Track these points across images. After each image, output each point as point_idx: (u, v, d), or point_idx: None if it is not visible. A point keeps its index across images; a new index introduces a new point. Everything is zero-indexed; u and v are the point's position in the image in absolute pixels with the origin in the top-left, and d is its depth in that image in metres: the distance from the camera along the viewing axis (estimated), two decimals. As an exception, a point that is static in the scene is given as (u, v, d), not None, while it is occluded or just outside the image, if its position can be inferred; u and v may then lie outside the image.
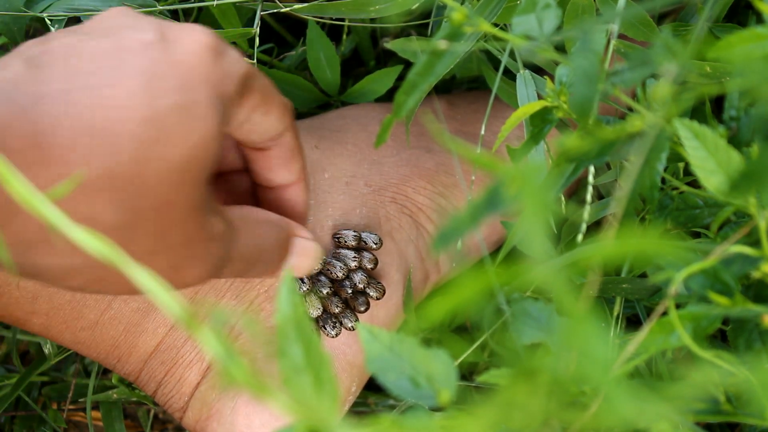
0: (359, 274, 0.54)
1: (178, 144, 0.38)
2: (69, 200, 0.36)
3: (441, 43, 0.42)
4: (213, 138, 0.39)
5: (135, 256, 0.38)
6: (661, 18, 0.61)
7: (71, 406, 0.67)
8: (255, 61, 0.57)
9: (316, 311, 0.54)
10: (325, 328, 0.54)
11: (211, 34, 0.40)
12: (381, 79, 0.63)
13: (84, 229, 0.36)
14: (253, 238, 0.45)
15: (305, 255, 0.49)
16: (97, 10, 0.56)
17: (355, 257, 0.54)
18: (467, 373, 0.62)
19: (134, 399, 0.64)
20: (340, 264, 0.53)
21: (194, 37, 0.40)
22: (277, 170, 0.47)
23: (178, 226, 0.39)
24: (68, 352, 0.65)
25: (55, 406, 0.67)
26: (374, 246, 0.55)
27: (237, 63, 0.41)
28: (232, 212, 0.44)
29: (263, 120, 0.44)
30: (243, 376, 0.26)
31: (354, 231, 0.55)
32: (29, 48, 0.39)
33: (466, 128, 0.62)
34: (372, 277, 0.55)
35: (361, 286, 0.54)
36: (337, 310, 0.54)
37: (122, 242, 0.38)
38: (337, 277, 0.53)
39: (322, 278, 0.53)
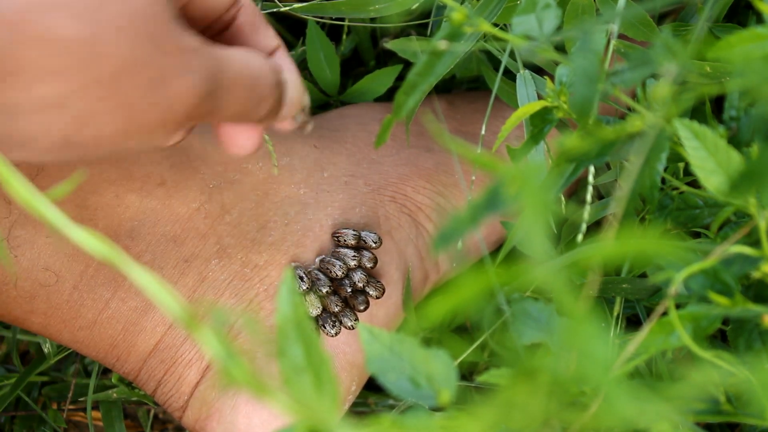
0: (358, 273, 0.54)
1: None
2: (27, 16, 0.34)
3: (441, 44, 0.42)
4: None
5: (110, 74, 0.36)
6: (661, 18, 0.61)
7: (71, 406, 0.67)
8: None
9: (315, 310, 0.54)
10: (325, 327, 0.54)
11: None
12: (380, 79, 0.63)
13: (48, 47, 0.33)
14: (245, 65, 0.42)
15: (298, 91, 0.45)
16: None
17: (354, 256, 0.54)
18: (467, 373, 0.62)
19: (134, 399, 0.64)
20: (339, 263, 0.53)
21: None
22: (255, 37, 0.45)
23: (147, 35, 0.37)
24: (68, 352, 0.65)
25: (55, 406, 0.67)
26: (373, 245, 0.55)
27: None
28: (217, 45, 0.41)
29: None
30: (243, 376, 0.26)
31: (353, 230, 0.55)
32: None
33: (466, 128, 0.62)
34: (371, 276, 0.55)
35: (360, 285, 0.54)
36: (336, 309, 0.54)
37: (93, 57, 0.35)
38: (337, 275, 0.53)
39: (322, 277, 0.53)
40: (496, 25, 0.49)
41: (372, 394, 0.64)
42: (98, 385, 0.65)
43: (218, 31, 0.44)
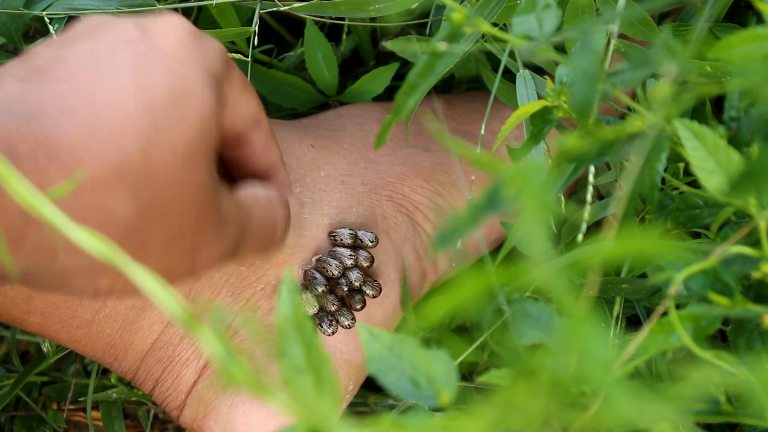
0: (355, 272, 0.54)
1: (178, 128, 0.39)
2: (83, 199, 0.37)
3: (441, 45, 0.42)
4: (211, 116, 0.40)
5: (154, 244, 0.39)
6: (661, 18, 0.61)
7: (71, 406, 0.67)
8: (252, 60, 0.57)
9: (312, 309, 0.54)
10: (322, 326, 0.54)
11: (185, 19, 0.41)
12: (378, 79, 0.63)
13: (100, 226, 0.37)
14: (266, 215, 0.46)
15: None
16: (98, 10, 0.56)
17: (351, 255, 0.54)
18: (467, 373, 0.62)
19: (134, 399, 0.64)
20: (335, 262, 0.53)
21: (172, 23, 0.41)
22: (262, 157, 0.48)
23: (192, 210, 0.40)
24: (67, 351, 0.65)
25: (54, 406, 0.67)
26: (370, 244, 0.55)
27: (216, 43, 0.42)
28: (240, 192, 0.45)
29: (247, 103, 0.45)
30: (242, 375, 0.26)
31: (350, 229, 0.55)
32: (14, 67, 0.39)
33: (464, 128, 0.62)
34: (368, 275, 0.55)
35: (357, 284, 0.54)
36: (333, 308, 0.54)
37: (141, 233, 0.38)
38: (333, 275, 0.53)
39: (318, 276, 0.53)
40: (495, 24, 0.49)
41: (372, 394, 0.64)
42: (98, 385, 0.65)
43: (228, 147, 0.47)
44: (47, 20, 0.57)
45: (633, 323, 0.56)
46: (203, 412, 0.54)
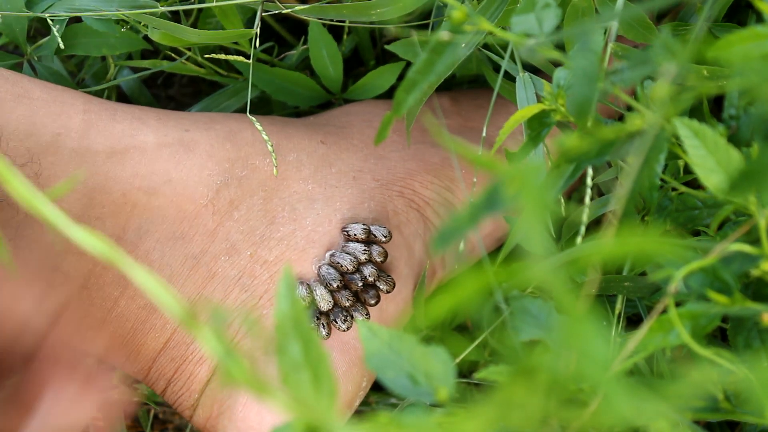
0: (369, 267, 0.54)
1: None
2: None
3: (444, 35, 0.42)
4: None
5: None
6: (660, 18, 0.61)
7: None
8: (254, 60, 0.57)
9: (327, 305, 0.53)
10: (336, 322, 0.54)
11: None
12: (383, 76, 0.63)
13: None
14: None
15: None
16: (99, 11, 0.56)
17: (365, 250, 0.54)
18: (468, 372, 0.62)
19: (134, 399, 0.64)
20: (349, 257, 0.53)
21: None
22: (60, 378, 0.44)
23: None
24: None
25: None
26: (384, 239, 0.55)
27: None
28: None
29: None
30: (242, 375, 0.26)
31: (363, 224, 0.55)
32: None
33: (470, 124, 0.62)
34: (382, 270, 0.55)
35: (371, 279, 0.54)
36: (347, 304, 0.54)
37: None
38: (347, 269, 0.53)
39: (332, 272, 0.53)
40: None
41: (373, 393, 0.64)
42: (101, 385, 0.65)
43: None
44: (50, 21, 0.57)
45: (635, 322, 0.56)
46: (216, 411, 0.54)
